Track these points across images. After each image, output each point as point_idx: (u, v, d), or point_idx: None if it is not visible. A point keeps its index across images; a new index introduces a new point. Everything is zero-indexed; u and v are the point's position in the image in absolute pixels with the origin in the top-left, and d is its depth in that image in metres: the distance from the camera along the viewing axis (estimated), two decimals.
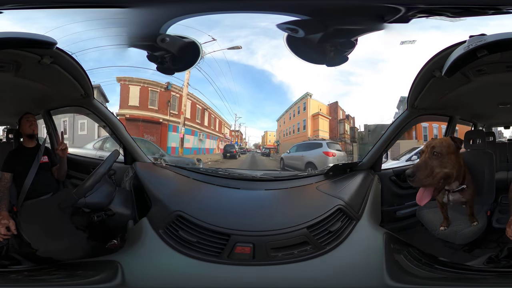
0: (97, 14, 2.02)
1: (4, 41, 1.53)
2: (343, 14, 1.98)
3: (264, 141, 4.36)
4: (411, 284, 1.47)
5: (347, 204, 1.72)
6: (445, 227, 2.01)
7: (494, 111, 2.69)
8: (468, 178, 1.91)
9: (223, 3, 2.05)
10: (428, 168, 1.45)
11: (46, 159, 2.20)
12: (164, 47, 2.25)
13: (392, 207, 2.51)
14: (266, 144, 4.32)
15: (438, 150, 1.50)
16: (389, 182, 2.51)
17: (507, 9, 1.75)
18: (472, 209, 1.97)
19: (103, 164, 1.83)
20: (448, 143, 1.58)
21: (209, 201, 1.92)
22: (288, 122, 4.06)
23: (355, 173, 2.31)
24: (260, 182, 2.30)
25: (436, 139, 1.66)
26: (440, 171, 1.49)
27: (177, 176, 2.28)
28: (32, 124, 2.22)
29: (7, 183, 2.04)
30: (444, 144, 1.55)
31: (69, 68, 2.03)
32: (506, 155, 2.79)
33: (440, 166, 1.50)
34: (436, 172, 1.46)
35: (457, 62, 1.56)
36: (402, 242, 1.83)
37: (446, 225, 2.02)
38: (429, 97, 2.19)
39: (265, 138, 4.34)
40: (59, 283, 1.52)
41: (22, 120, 2.22)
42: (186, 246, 1.53)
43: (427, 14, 1.87)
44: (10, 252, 1.86)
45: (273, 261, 1.49)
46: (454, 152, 1.53)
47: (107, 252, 1.76)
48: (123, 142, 2.47)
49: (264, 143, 4.36)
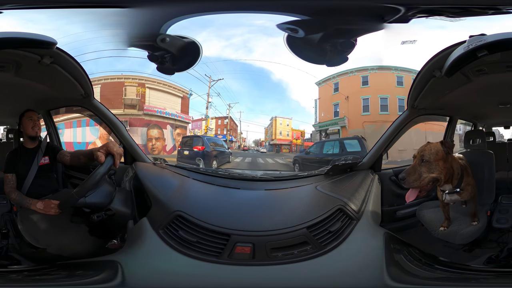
0: (97, 14, 2.02)
1: (4, 41, 1.53)
2: (343, 14, 1.98)
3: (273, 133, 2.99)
4: (411, 284, 1.47)
5: (347, 204, 1.72)
6: (445, 228, 2.01)
7: (494, 111, 2.69)
8: (468, 180, 1.91)
9: (223, 3, 2.05)
10: (417, 173, 1.64)
11: (47, 160, 2.16)
12: (164, 47, 2.26)
13: (392, 207, 2.50)
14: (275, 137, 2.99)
15: (426, 157, 1.66)
16: (389, 182, 2.51)
17: (507, 9, 1.76)
18: (474, 208, 1.98)
19: (103, 164, 1.82)
20: (437, 150, 1.69)
21: (209, 201, 1.92)
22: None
23: (355, 173, 2.31)
24: (260, 182, 2.30)
25: (428, 145, 1.76)
26: (427, 176, 1.65)
27: (177, 176, 2.28)
28: (36, 124, 2.09)
29: (14, 183, 2.01)
30: (432, 151, 1.68)
31: (69, 68, 2.03)
32: (506, 155, 2.78)
33: (428, 171, 1.65)
34: (423, 177, 1.64)
35: (457, 62, 1.56)
36: (402, 242, 1.82)
37: (446, 225, 2.02)
38: (429, 97, 2.19)
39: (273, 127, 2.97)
40: (59, 283, 1.52)
41: (24, 119, 2.09)
42: (186, 246, 1.53)
43: (427, 14, 1.87)
44: (10, 252, 1.86)
45: (273, 261, 1.49)
46: (442, 158, 1.66)
47: (107, 252, 1.75)
48: (123, 142, 2.47)
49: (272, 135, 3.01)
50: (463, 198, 1.92)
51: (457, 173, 1.81)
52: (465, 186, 1.89)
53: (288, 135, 3.01)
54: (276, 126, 2.96)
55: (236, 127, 3.14)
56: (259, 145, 3.41)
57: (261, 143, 3.33)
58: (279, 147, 3.00)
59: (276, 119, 2.93)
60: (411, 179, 1.63)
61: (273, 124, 2.97)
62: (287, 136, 3.05)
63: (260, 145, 3.38)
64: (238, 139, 3.30)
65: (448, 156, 1.71)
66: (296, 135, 2.87)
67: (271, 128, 2.98)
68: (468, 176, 1.94)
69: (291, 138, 2.86)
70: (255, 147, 3.47)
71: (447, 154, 1.69)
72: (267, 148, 3.21)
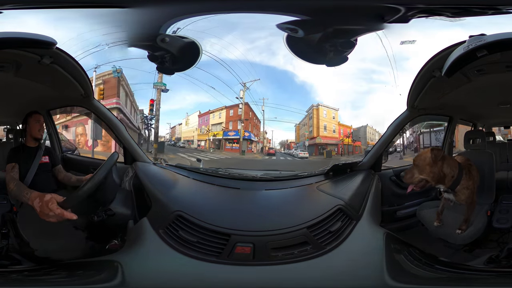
0: (97, 14, 2.02)
1: (4, 41, 1.53)
2: (343, 14, 1.98)
3: (314, 127, 1.95)
4: (411, 284, 1.47)
5: (347, 204, 1.72)
6: (439, 223, 2.07)
7: (494, 111, 2.69)
8: (467, 183, 1.92)
9: (223, 3, 2.05)
10: (410, 173, 1.94)
11: (47, 159, 2.21)
12: (164, 47, 2.26)
13: (392, 207, 2.51)
14: (318, 133, 1.94)
15: (416, 162, 1.94)
16: (389, 182, 2.51)
17: (507, 9, 1.76)
18: (467, 214, 1.95)
19: (103, 166, 1.82)
20: (425, 157, 1.93)
21: (209, 201, 1.91)
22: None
23: (355, 173, 2.31)
24: (260, 182, 2.29)
25: (421, 151, 2.02)
26: (417, 176, 1.92)
27: (177, 176, 2.27)
28: (42, 128, 2.22)
29: (16, 172, 2.03)
30: (421, 157, 1.94)
31: (69, 68, 2.03)
32: (506, 155, 2.78)
33: (418, 173, 1.92)
34: (415, 176, 1.92)
35: (457, 62, 1.56)
36: (402, 242, 1.82)
37: (438, 221, 2.09)
38: (429, 97, 2.19)
39: (314, 120, 1.93)
40: (59, 283, 1.52)
41: (31, 120, 2.18)
42: (186, 246, 1.53)
43: (427, 14, 1.87)
44: (10, 252, 1.85)
45: (273, 261, 1.49)
46: (429, 164, 1.89)
47: (107, 252, 1.75)
48: (123, 142, 2.47)
49: (313, 131, 1.96)
50: (458, 201, 1.97)
51: (450, 176, 1.91)
52: (461, 189, 1.91)
53: (334, 131, 2.14)
54: (318, 118, 2.00)
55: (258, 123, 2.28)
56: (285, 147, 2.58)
57: (289, 144, 2.50)
58: (324, 148, 2.00)
59: (318, 108, 1.97)
60: (407, 176, 1.95)
61: (314, 116, 2.00)
62: (333, 133, 2.17)
63: (289, 147, 2.52)
64: (260, 139, 2.44)
65: (436, 162, 1.89)
66: (343, 132, 2.02)
67: (307, 123, 1.98)
68: (469, 180, 1.93)
69: (338, 135, 2.03)
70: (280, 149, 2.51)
71: (434, 161, 1.88)
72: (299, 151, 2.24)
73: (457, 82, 2.00)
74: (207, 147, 2.82)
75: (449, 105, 2.48)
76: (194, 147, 3.05)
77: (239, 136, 2.28)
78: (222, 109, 2.39)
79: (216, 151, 2.78)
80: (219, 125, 2.53)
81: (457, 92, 2.16)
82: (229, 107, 2.27)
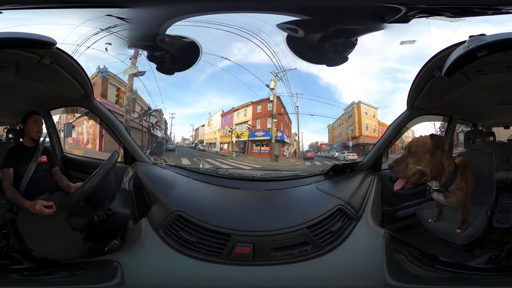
0: (97, 14, 2.02)
1: (4, 41, 1.53)
2: (343, 14, 1.98)
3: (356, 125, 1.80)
4: (412, 284, 1.47)
5: (347, 204, 1.72)
6: (433, 221, 2.02)
7: (494, 111, 2.69)
8: (460, 184, 1.80)
9: (223, 3, 2.05)
10: (404, 164, 1.63)
11: (45, 158, 2.20)
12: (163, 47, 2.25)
13: (392, 207, 2.50)
14: (361, 132, 1.75)
15: (413, 149, 1.65)
16: (389, 182, 2.50)
17: (507, 9, 1.76)
18: (464, 215, 1.89)
19: (102, 166, 1.82)
20: (424, 142, 1.66)
21: (209, 201, 1.91)
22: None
23: (355, 173, 2.31)
24: (260, 182, 2.29)
25: (417, 137, 1.74)
26: (413, 167, 1.64)
27: (177, 176, 2.27)
28: (40, 129, 2.20)
29: (11, 178, 2.03)
30: (420, 143, 1.66)
31: (69, 68, 2.03)
32: (506, 155, 2.78)
33: (414, 163, 1.64)
34: (409, 167, 1.63)
35: (457, 62, 1.56)
36: (402, 242, 1.82)
37: (435, 219, 2.03)
38: (429, 97, 2.19)
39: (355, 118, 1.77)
40: (59, 283, 1.52)
41: (30, 121, 2.17)
42: (186, 246, 1.53)
43: (427, 14, 1.87)
44: (10, 252, 1.85)
45: (273, 261, 1.49)
46: (429, 151, 1.63)
47: (107, 252, 1.75)
48: (123, 142, 2.47)
49: (355, 130, 1.80)
50: (448, 203, 1.81)
51: (447, 172, 1.74)
52: (454, 190, 1.78)
53: (374, 130, 2.04)
54: (360, 116, 1.92)
55: (289, 123, 1.99)
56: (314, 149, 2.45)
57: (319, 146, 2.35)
58: (366, 148, 1.84)
59: (359, 106, 1.89)
60: (398, 168, 1.63)
61: (356, 114, 1.91)
62: (373, 132, 2.06)
63: (319, 149, 2.41)
64: (291, 141, 2.18)
65: (437, 150, 1.66)
66: (382, 131, 1.85)
67: (345, 122, 1.85)
68: (463, 181, 1.81)
69: (378, 134, 1.88)
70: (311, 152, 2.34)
71: (435, 148, 1.65)
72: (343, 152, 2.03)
73: (457, 82, 2.00)
74: (230, 150, 2.46)
75: (449, 105, 2.48)
76: (216, 150, 2.71)
77: (269, 137, 2.04)
78: (247, 105, 2.12)
79: (241, 155, 2.39)
80: (244, 124, 2.26)
81: (457, 92, 2.15)
82: (256, 102, 2.01)
